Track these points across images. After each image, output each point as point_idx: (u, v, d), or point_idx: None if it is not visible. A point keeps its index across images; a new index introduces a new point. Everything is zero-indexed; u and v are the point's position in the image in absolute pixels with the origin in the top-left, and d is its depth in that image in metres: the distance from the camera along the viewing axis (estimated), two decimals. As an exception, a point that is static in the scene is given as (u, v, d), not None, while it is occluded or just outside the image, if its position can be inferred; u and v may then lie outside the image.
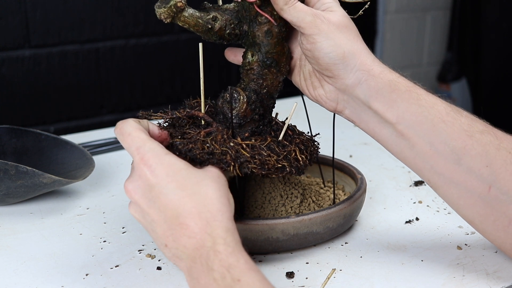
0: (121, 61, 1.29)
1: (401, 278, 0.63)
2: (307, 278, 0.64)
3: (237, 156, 0.61)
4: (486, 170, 0.58)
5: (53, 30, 1.19)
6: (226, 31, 0.65)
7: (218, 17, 0.65)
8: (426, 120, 0.60)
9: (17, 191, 0.78)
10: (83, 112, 1.28)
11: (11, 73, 1.17)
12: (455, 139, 0.59)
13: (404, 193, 0.86)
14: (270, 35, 0.64)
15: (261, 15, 0.63)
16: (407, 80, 0.62)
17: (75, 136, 1.12)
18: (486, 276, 0.63)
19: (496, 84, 1.90)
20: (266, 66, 0.65)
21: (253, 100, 0.66)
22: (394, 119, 0.61)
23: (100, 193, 0.88)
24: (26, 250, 0.71)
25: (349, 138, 1.11)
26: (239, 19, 0.66)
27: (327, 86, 0.64)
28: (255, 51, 0.65)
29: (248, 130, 0.66)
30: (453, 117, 0.60)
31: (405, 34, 1.89)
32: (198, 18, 0.64)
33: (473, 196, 0.59)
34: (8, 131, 0.91)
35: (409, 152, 0.62)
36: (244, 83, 0.67)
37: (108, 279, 0.64)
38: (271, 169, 0.63)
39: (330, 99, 0.65)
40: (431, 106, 0.60)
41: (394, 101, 0.61)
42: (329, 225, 0.68)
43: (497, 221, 0.60)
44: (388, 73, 0.61)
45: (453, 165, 0.59)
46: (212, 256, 0.51)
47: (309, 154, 0.68)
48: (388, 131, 0.62)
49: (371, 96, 0.61)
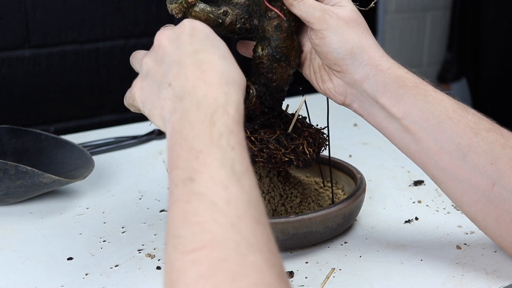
0: (121, 61, 1.29)
1: (401, 277, 0.64)
2: (306, 277, 0.64)
3: None
4: (491, 167, 0.59)
5: (53, 30, 1.19)
6: (236, 25, 0.66)
7: (228, 11, 0.65)
8: (433, 116, 0.60)
9: (17, 191, 0.78)
10: (83, 112, 1.28)
11: (11, 73, 1.17)
12: (461, 136, 0.59)
13: (404, 193, 0.86)
14: (279, 30, 0.65)
15: (271, 10, 0.64)
16: (415, 76, 0.62)
17: (75, 136, 1.12)
18: (486, 276, 0.63)
19: (496, 84, 1.90)
20: (276, 60, 0.66)
21: (262, 94, 0.66)
22: (401, 114, 0.61)
23: (100, 193, 0.88)
24: (26, 250, 0.71)
25: (349, 138, 1.11)
26: (249, 13, 0.66)
27: (336, 80, 0.65)
28: (265, 45, 0.66)
29: (257, 123, 0.66)
30: (460, 114, 0.60)
31: (405, 34, 1.89)
32: (209, 13, 0.64)
33: (476, 193, 0.60)
34: (8, 131, 0.91)
35: (414, 147, 0.62)
36: (254, 77, 0.67)
37: (108, 279, 0.64)
38: (278, 162, 0.64)
39: (338, 93, 0.65)
40: (438, 103, 0.60)
41: (401, 97, 0.61)
42: (329, 225, 0.68)
43: (499, 218, 0.60)
44: (396, 69, 0.62)
45: (458, 161, 0.60)
46: (219, 113, 0.48)
47: (317, 147, 0.68)
48: (394, 126, 0.62)
49: (379, 91, 0.62)
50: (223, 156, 0.45)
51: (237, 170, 0.45)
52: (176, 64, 0.52)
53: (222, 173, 0.45)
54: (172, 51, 0.53)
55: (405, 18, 1.88)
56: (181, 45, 0.53)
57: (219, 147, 0.46)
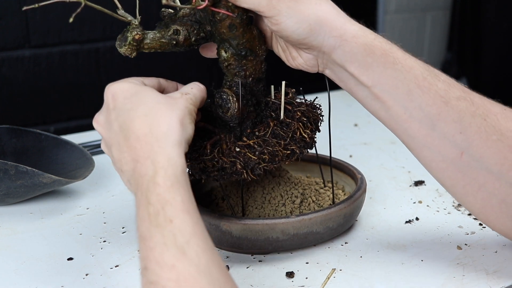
0: (121, 61, 1.29)
1: (401, 278, 0.63)
2: (307, 278, 0.64)
3: (246, 162, 0.62)
4: (460, 136, 0.59)
5: (53, 30, 1.19)
6: (191, 39, 0.64)
7: (178, 29, 0.63)
8: (402, 85, 0.59)
9: (17, 191, 0.78)
10: (83, 112, 1.28)
11: (11, 73, 1.17)
12: (430, 105, 0.59)
13: (404, 193, 0.86)
14: (234, 28, 0.62)
15: (218, 12, 0.62)
16: (384, 43, 0.61)
17: (75, 136, 1.12)
18: (486, 276, 0.63)
19: (496, 84, 1.90)
20: (243, 57, 0.64)
21: (242, 95, 0.65)
22: (370, 82, 0.61)
23: (100, 193, 0.88)
24: (26, 250, 0.71)
25: (349, 138, 1.11)
26: (199, 21, 0.64)
27: (305, 55, 0.64)
28: (226, 47, 0.64)
29: (248, 125, 0.66)
30: (430, 83, 0.59)
31: (405, 34, 1.89)
32: (160, 38, 0.62)
33: (445, 160, 0.60)
34: (8, 131, 0.91)
35: (384, 114, 0.62)
36: (228, 79, 0.66)
37: (108, 279, 0.64)
38: (282, 158, 0.63)
39: (310, 66, 0.64)
40: (407, 71, 0.60)
41: (369, 65, 0.60)
42: (329, 225, 0.68)
43: (467, 185, 0.60)
44: (363, 36, 0.60)
45: (427, 130, 0.60)
46: (151, 188, 0.50)
47: (314, 124, 0.68)
48: (364, 93, 0.62)
49: (347, 60, 0.61)
50: (163, 235, 0.47)
51: (180, 243, 0.47)
52: (116, 149, 0.55)
53: (166, 254, 0.46)
54: (108, 136, 0.56)
55: (405, 18, 1.88)
56: (111, 125, 0.56)
57: (158, 227, 0.48)
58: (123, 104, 0.55)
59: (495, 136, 0.58)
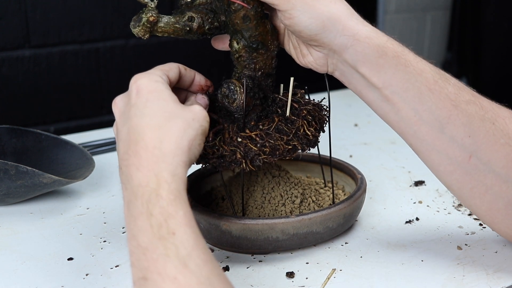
0: (121, 61, 1.29)
1: (401, 278, 0.63)
2: (307, 278, 0.64)
3: (247, 152, 0.62)
4: (469, 140, 0.59)
5: (53, 30, 1.19)
6: (205, 27, 0.64)
7: (193, 16, 0.64)
8: (413, 87, 0.60)
9: (17, 191, 0.78)
10: (83, 112, 1.28)
11: (11, 73, 1.17)
12: (440, 108, 0.59)
13: (404, 193, 0.86)
14: (248, 20, 0.63)
15: (234, 3, 0.62)
16: (396, 45, 0.61)
17: (75, 136, 1.12)
18: (486, 276, 0.63)
19: (496, 84, 1.90)
20: (254, 50, 0.65)
21: (250, 87, 0.65)
22: (381, 84, 0.61)
23: (100, 193, 0.88)
24: (26, 250, 0.71)
25: (349, 138, 1.11)
26: (214, 11, 0.65)
27: (315, 53, 0.64)
28: (239, 39, 0.65)
29: (253, 117, 0.66)
30: (440, 86, 0.60)
31: (405, 34, 1.89)
32: (174, 24, 0.63)
33: (453, 164, 0.60)
34: (8, 131, 0.91)
35: (394, 117, 0.62)
36: (238, 71, 0.66)
37: (108, 279, 0.64)
38: (282, 153, 0.63)
39: (320, 65, 0.64)
40: (418, 74, 0.60)
41: (381, 67, 0.60)
42: (329, 225, 0.68)
43: (474, 188, 0.61)
44: (375, 38, 0.60)
45: (436, 133, 0.60)
46: (153, 200, 0.50)
47: (318, 123, 0.68)
48: (374, 95, 0.62)
49: (358, 60, 0.61)
50: (166, 248, 0.47)
51: (182, 255, 0.47)
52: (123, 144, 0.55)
53: (168, 266, 0.46)
54: (121, 129, 0.56)
55: (405, 18, 1.88)
56: (127, 120, 0.55)
57: (160, 239, 0.48)
58: (143, 105, 0.55)
59: (503, 139, 0.59)
